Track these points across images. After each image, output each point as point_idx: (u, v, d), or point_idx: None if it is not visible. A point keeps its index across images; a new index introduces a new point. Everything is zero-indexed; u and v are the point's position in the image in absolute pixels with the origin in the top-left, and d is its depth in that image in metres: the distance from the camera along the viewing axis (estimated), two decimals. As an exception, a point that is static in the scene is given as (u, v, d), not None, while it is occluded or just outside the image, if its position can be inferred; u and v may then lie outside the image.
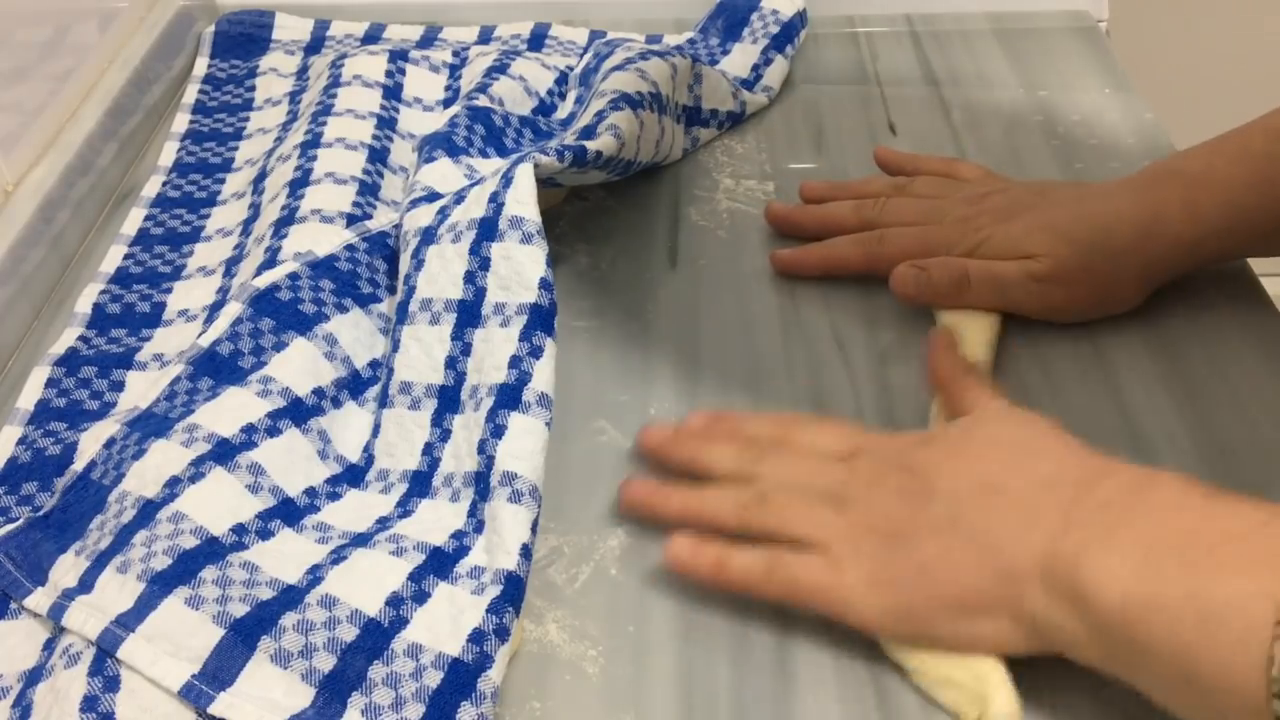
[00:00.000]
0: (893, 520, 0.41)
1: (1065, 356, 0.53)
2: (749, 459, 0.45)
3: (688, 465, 0.47)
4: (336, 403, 0.49)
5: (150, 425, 0.45)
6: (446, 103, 0.68)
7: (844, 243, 0.57)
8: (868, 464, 0.43)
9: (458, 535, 0.43)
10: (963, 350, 0.50)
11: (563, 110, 0.65)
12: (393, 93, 0.66)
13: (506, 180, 0.51)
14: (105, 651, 0.39)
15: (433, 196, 0.54)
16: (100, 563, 0.41)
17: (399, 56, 0.68)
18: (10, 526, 0.45)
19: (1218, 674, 0.33)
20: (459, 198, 0.52)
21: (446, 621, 0.40)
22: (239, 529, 0.43)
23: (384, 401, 0.49)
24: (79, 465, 0.46)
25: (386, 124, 0.64)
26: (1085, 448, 0.41)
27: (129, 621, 0.39)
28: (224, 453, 0.44)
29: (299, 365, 0.49)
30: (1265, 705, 0.32)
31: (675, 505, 0.45)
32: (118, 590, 0.40)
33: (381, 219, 0.57)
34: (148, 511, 0.42)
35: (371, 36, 0.77)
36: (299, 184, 0.58)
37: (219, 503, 0.43)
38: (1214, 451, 0.48)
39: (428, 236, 0.51)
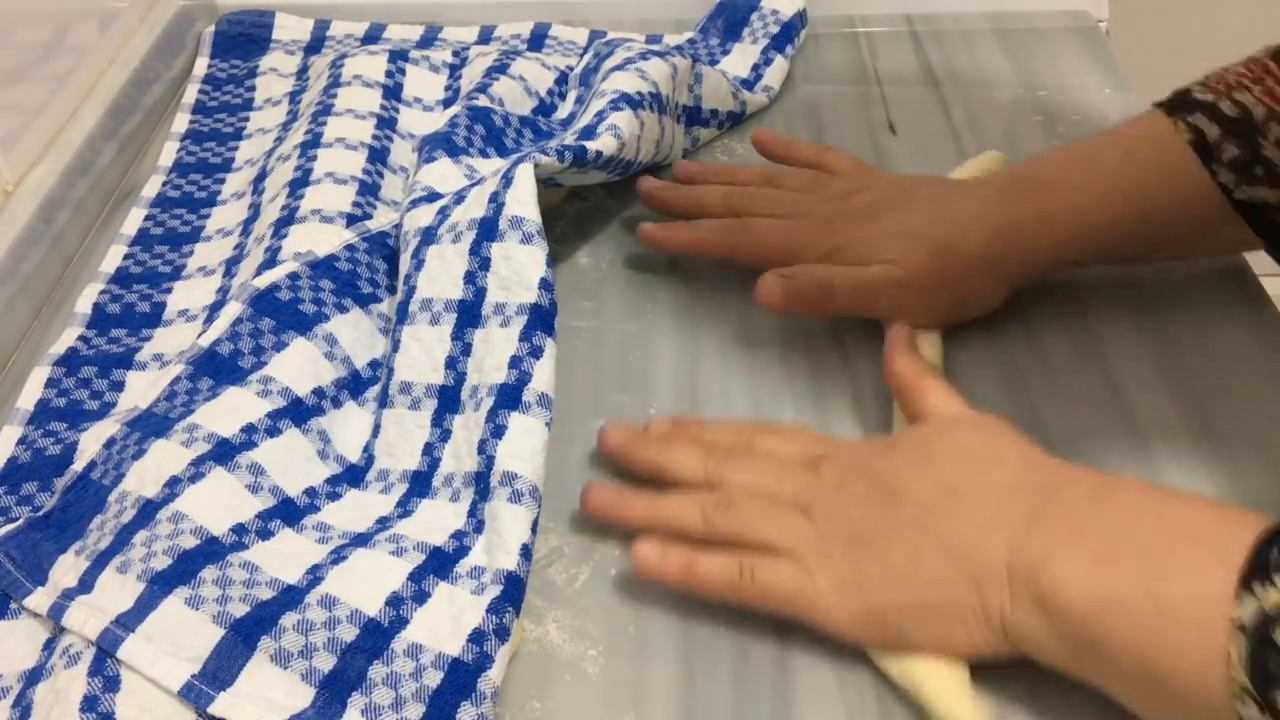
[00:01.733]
0: (860, 525, 0.41)
1: (1065, 352, 0.53)
2: (713, 464, 0.45)
3: (649, 469, 0.47)
4: (336, 403, 0.49)
5: (150, 425, 0.45)
6: (446, 103, 0.68)
7: (709, 227, 0.56)
8: (833, 470, 0.43)
9: (458, 535, 0.43)
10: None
11: (563, 110, 0.65)
12: (393, 93, 0.66)
13: (506, 180, 0.51)
14: (105, 651, 0.39)
15: (433, 196, 0.54)
16: (100, 563, 0.41)
17: (399, 56, 0.68)
18: (10, 526, 0.45)
19: (1179, 674, 0.34)
20: (459, 198, 0.52)
21: (446, 621, 0.40)
22: (239, 529, 0.43)
23: (384, 401, 0.49)
24: (79, 465, 0.46)
25: (386, 124, 0.64)
26: (1045, 453, 0.41)
27: (129, 621, 0.39)
28: (224, 453, 0.44)
29: (299, 365, 0.49)
30: (1227, 704, 0.32)
31: (639, 510, 0.45)
32: (118, 590, 0.40)
33: (381, 219, 0.57)
34: (148, 511, 0.42)
35: (371, 36, 0.77)
36: (299, 184, 0.58)
37: (219, 503, 0.43)
38: (1211, 447, 0.48)
39: (428, 236, 0.51)
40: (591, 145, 0.54)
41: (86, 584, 0.41)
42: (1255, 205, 0.50)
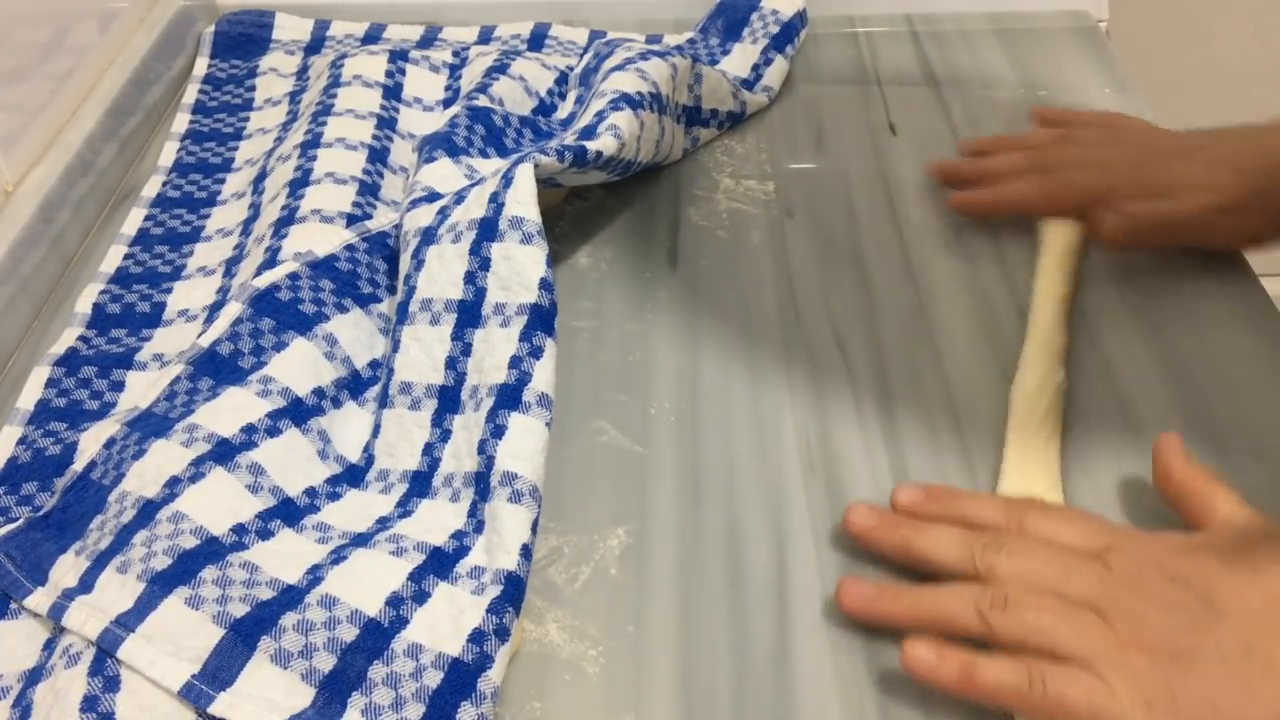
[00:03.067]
0: (1171, 639, 0.37)
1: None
2: (979, 549, 0.41)
3: (905, 555, 0.43)
4: (336, 403, 0.49)
5: (150, 425, 0.45)
6: (446, 103, 0.68)
7: (1023, 183, 0.58)
8: (1126, 565, 0.39)
9: (458, 535, 0.43)
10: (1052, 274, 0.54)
11: (563, 110, 0.65)
12: (393, 93, 0.66)
13: (506, 180, 0.51)
14: (105, 651, 0.39)
15: (433, 196, 0.54)
16: (100, 563, 0.41)
17: (399, 56, 0.68)
18: (10, 526, 0.45)
19: None
20: (459, 198, 0.52)
21: (446, 621, 0.40)
22: (239, 529, 0.43)
23: (384, 402, 0.49)
24: (79, 465, 0.46)
25: (386, 124, 0.64)
26: None
27: (129, 621, 0.39)
28: (224, 453, 0.44)
29: (299, 365, 0.49)
30: None
31: (903, 606, 0.41)
32: (118, 590, 0.40)
33: (381, 219, 0.57)
34: (148, 511, 0.42)
35: (371, 36, 0.77)
36: (299, 184, 0.58)
37: (219, 503, 0.43)
38: (1213, 449, 0.48)
39: (428, 236, 0.51)
40: (591, 145, 0.54)
41: (86, 584, 0.41)
42: None
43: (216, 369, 0.48)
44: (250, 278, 0.52)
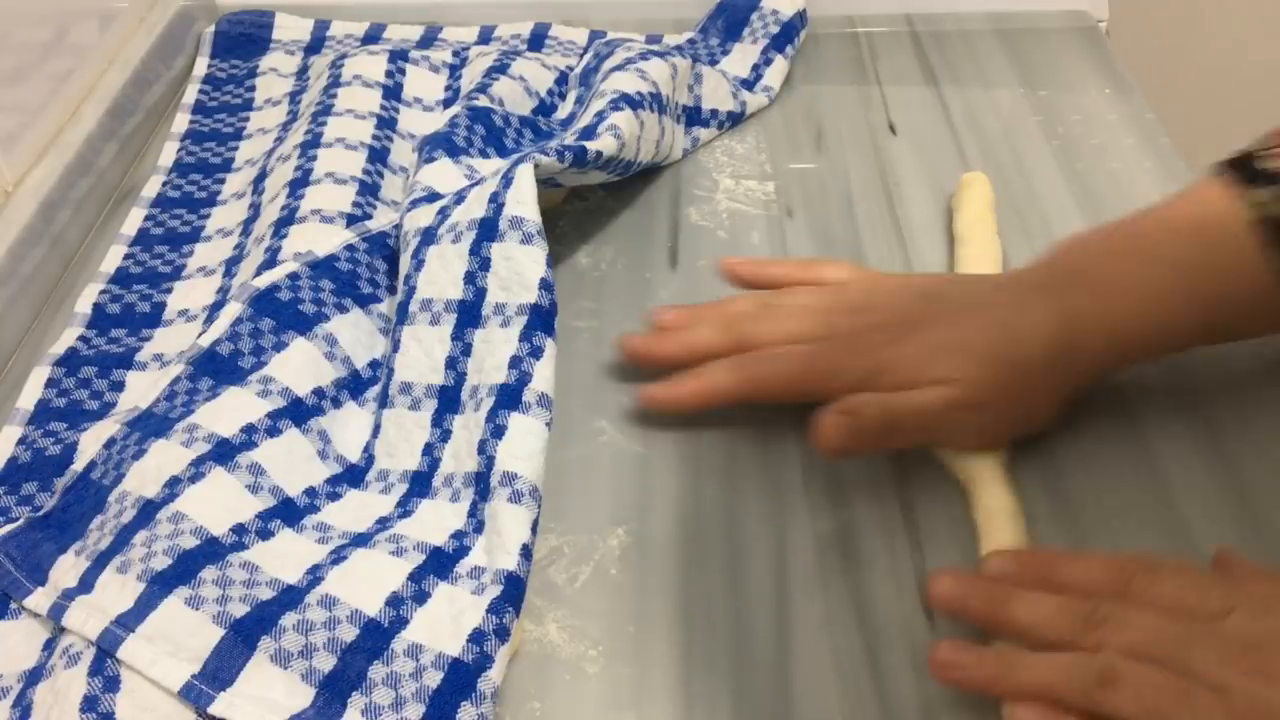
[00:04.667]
0: None
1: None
2: (1084, 620, 0.37)
3: (998, 626, 0.39)
4: (336, 403, 0.49)
5: (150, 425, 0.45)
6: (446, 103, 0.68)
7: (720, 368, 0.48)
8: (1253, 632, 0.35)
9: (458, 535, 0.43)
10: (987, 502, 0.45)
11: (563, 110, 0.65)
12: (393, 93, 0.66)
13: (507, 180, 0.51)
14: (105, 651, 0.39)
15: (433, 197, 0.54)
16: (100, 563, 0.41)
17: (399, 56, 0.68)
18: (10, 526, 0.45)
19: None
20: (459, 198, 0.52)
21: (447, 621, 0.40)
22: (239, 529, 0.43)
23: (384, 402, 0.49)
24: (79, 465, 0.46)
25: (386, 124, 0.64)
26: None
27: (129, 621, 0.39)
28: (224, 453, 0.44)
29: (299, 365, 0.49)
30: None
31: (1003, 677, 0.37)
32: (118, 590, 0.40)
33: (381, 219, 0.57)
34: (148, 511, 0.42)
35: (371, 36, 0.77)
36: (299, 184, 0.58)
37: (219, 503, 0.43)
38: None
39: (428, 237, 0.51)
40: (592, 145, 0.54)
41: (86, 584, 0.41)
42: None
43: (216, 369, 0.48)
44: (250, 278, 0.52)
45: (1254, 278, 0.45)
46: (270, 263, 0.53)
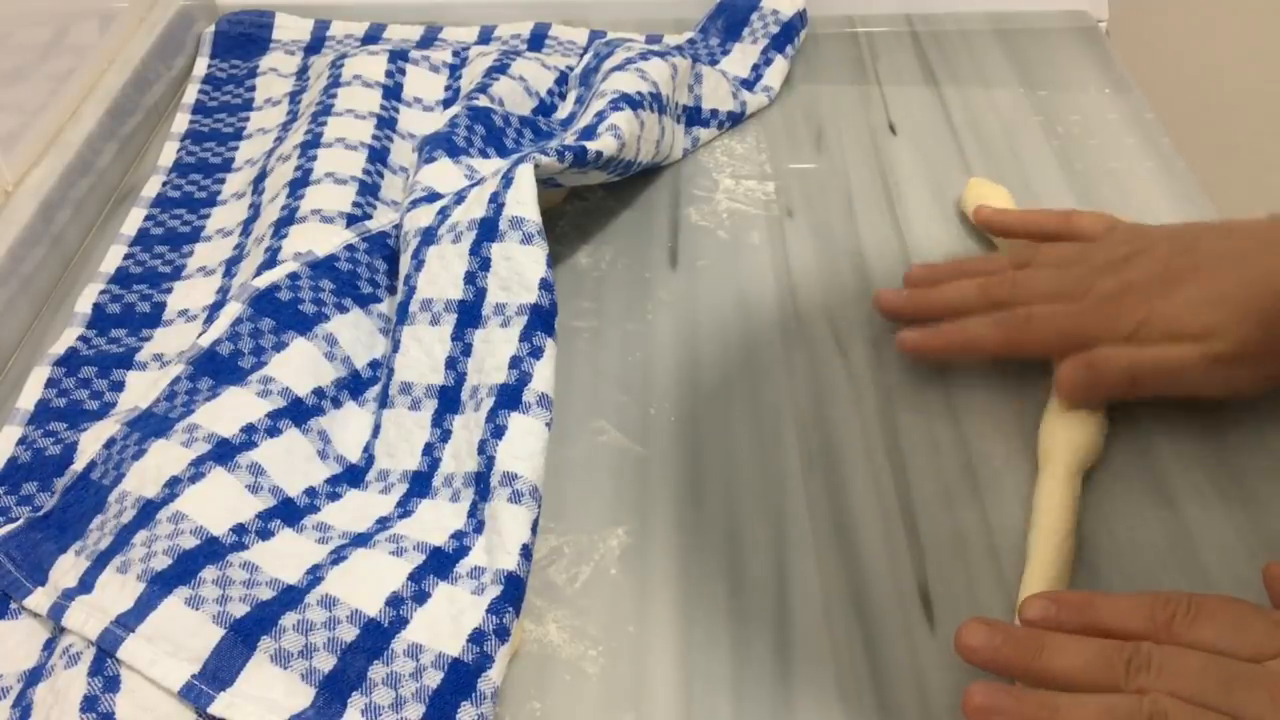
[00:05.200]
0: None
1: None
2: (1125, 665, 0.36)
3: (1035, 678, 0.37)
4: (336, 403, 0.49)
5: (150, 425, 0.45)
6: (446, 103, 0.68)
7: (983, 324, 0.50)
8: None
9: (458, 535, 0.43)
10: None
11: (563, 110, 0.65)
12: (393, 93, 0.66)
13: (507, 180, 0.51)
14: (105, 651, 0.39)
15: (433, 197, 0.54)
16: (100, 563, 0.41)
17: (399, 56, 0.68)
18: (10, 526, 0.45)
19: None
20: (459, 198, 0.52)
21: (447, 621, 0.40)
22: (239, 529, 0.43)
23: (384, 402, 0.49)
24: (79, 465, 0.46)
25: (386, 124, 0.64)
26: None
27: (129, 621, 0.39)
28: (224, 453, 0.44)
29: (299, 365, 0.49)
30: None
31: (1030, 717, 0.35)
32: (118, 590, 0.40)
33: (381, 219, 0.57)
34: (148, 511, 0.42)
35: (371, 36, 0.77)
36: (299, 184, 0.58)
37: (219, 503, 0.43)
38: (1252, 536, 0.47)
39: (428, 237, 0.51)
40: (592, 145, 0.54)
41: (86, 584, 0.41)
42: None
43: (216, 369, 0.48)
44: (250, 278, 0.52)
45: None
46: (270, 263, 0.53)
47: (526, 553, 0.42)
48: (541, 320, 0.47)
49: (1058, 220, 0.54)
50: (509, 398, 0.45)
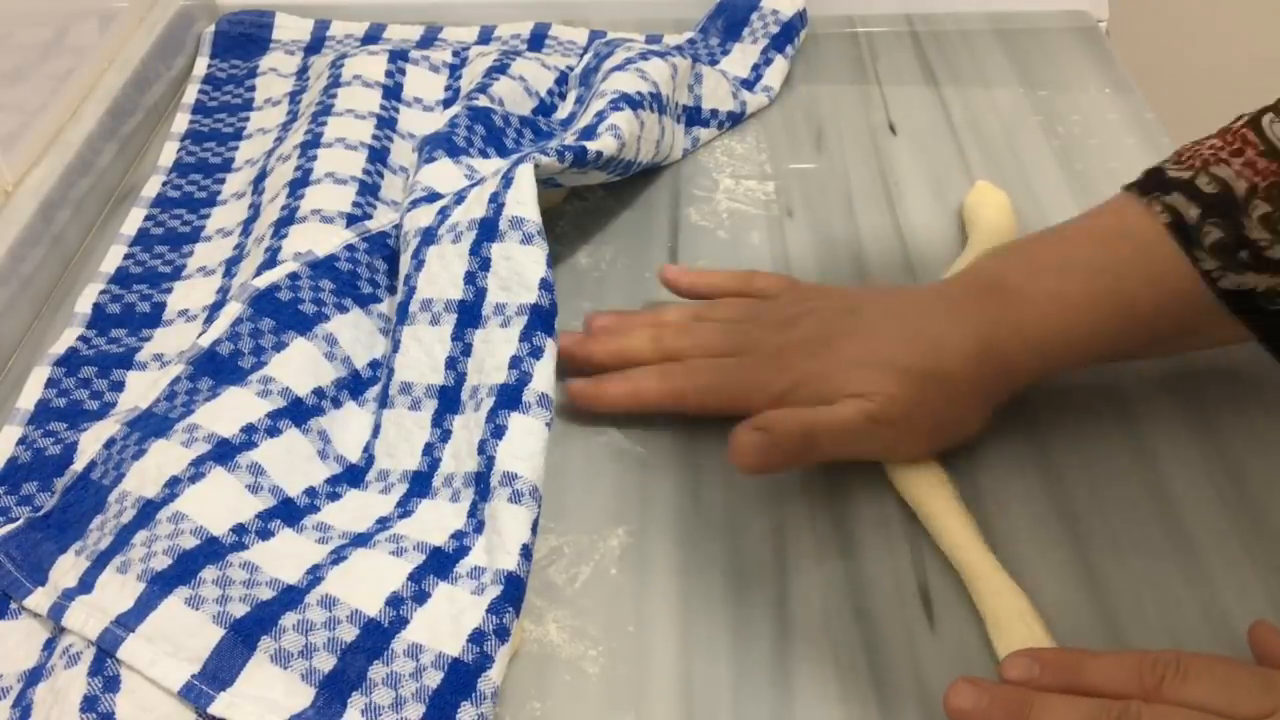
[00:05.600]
0: None
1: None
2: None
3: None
4: (336, 403, 0.49)
5: (150, 425, 0.45)
6: (446, 103, 0.68)
7: (646, 374, 0.50)
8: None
9: (458, 535, 0.43)
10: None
11: (563, 110, 0.65)
12: (393, 93, 0.66)
13: (507, 181, 0.51)
14: (105, 651, 0.39)
15: (433, 197, 0.54)
16: (100, 563, 0.41)
17: (399, 56, 0.68)
18: (10, 526, 0.45)
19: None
20: (459, 198, 0.52)
21: (447, 621, 0.40)
22: (239, 529, 0.43)
23: (384, 402, 0.49)
24: (79, 465, 0.46)
25: (386, 124, 0.64)
26: None
27: (129, 621, 0.39)
28: (224, 453, 0.44)
29: (299, 365, 0.49)
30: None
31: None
32: (118, 590, 0.40)
33: (381, 219, 0.57)
34: (148, 511, 0.42)
35: (371, 36, 0.77)
36: (299, 184, 0.58)
37: (219, 503, 0.43)
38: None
39: (428, 237, 0.51)
40: (592, 145, 0.54)
41: (86, 584, 0.41)
42: (1243, 294, 0.45)
43: (216, 369, 0.48)
44: (250, 278, 0.52)
45: (1175, 282, 0.46)
46: (270, 263, 0.53)
47: (526, 553, 0.42)
48: (541, 320, 0.47)
49: (736, 280, 0.54)
50: (509, 398, 0.45)
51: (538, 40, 0.75)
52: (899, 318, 0.48)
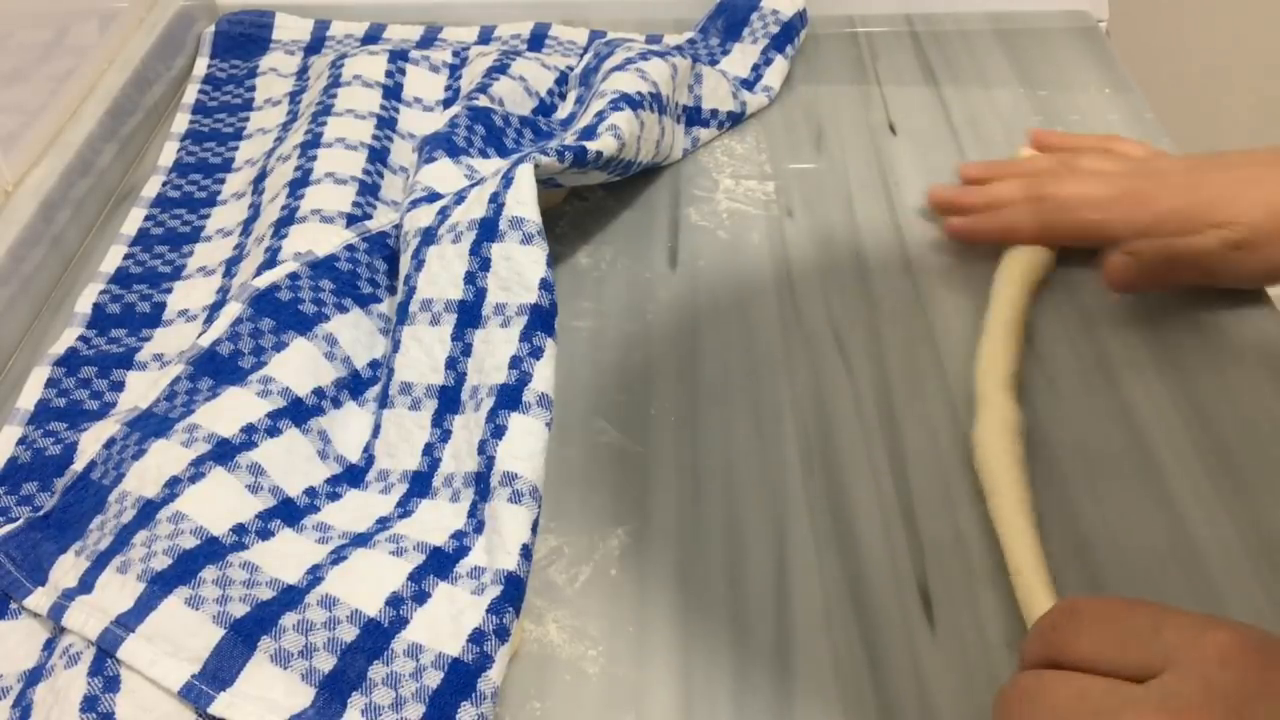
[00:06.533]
0: None
1: (1068, 358, 0.53)
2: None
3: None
4: (336, 403, 0.49)
5: (150, 425, 0.45)
6: (446, 103, 0.68)
7: (1018, 211, 0.57)
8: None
9: (458, 535, 0.43)
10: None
11: (563, 110, 0.65)
12: (393, 93, 0.66)
13: (507, 181, 0.51)
14: (105, 651, 0.39)
15: (433, 197, 0.54)
16: (100, 563, 0.41)
17: (399, 56, 0.68)
18: (10, 526, 0.45)
19: None
20: (459, 198, 0.52)
21: (447, 621, 0.40)
22: (239, 529, 0.43)
23: (384, 402, 0.49)
24: (79, 465, 0.46)
25: (386, 124, 0.64)
26: None
27: (129, 621, 0.39)
28: (224, 453, 0.44)
29: (299, 365, 0.49)
30: None
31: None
32: (118, 590, 0.40)
33: (381, 219, 0.57)
34: (148, 511, 0.42)
35: (371, 36, 0.77)
36: (299, 184, 0.58)
37: (219, 503, 0.43)
38: (1211, 450, 0.48)
39: (428, 237, 0.51)
40: (592, 145, 0.54)
41: (86, 584, 0.41)
42: None
43: (216, 369, 0.48)
44: (250, 278, 0.52)
45: None
46: (270, 263, 0.53)
47: (526, 553, 0.42)
48: (541, 320, 0.47)
49: (1099, 139, 0.61)
50: (509, 398, 0.45)
51: (538, 40, 0.75)
52: (1258, 163, 0.53)
